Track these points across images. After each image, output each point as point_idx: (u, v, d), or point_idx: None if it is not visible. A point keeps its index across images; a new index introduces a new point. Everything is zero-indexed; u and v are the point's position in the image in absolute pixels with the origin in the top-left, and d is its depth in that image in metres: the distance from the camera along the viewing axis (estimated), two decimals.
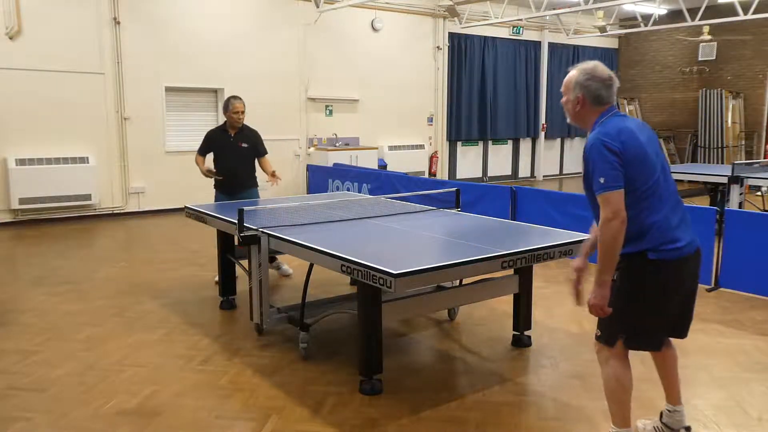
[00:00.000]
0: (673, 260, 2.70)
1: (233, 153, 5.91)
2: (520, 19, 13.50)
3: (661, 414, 3.12)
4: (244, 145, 5.94)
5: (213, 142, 5.98)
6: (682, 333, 2.95)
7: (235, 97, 5.88)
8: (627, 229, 2.62)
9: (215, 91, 10.62)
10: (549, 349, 4.31)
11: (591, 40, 15.77)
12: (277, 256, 5.92)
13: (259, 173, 6.09)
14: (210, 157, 6.03)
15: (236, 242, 4.44)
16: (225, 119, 5.96)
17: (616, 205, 2.59)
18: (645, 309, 2.75)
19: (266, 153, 6.12)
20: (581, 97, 2.80)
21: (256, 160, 6.08)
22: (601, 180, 2.62)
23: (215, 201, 6.01)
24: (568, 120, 2.97)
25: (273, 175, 5.91)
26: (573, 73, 2.84)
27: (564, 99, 2.91)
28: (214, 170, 5.89)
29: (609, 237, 2.60)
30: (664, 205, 2.72)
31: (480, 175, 14.87)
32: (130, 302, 5.35)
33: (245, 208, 4.32)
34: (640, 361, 3.41)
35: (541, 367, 4.02)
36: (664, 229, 2.69)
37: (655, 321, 2.79)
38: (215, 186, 6.04)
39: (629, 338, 2.80)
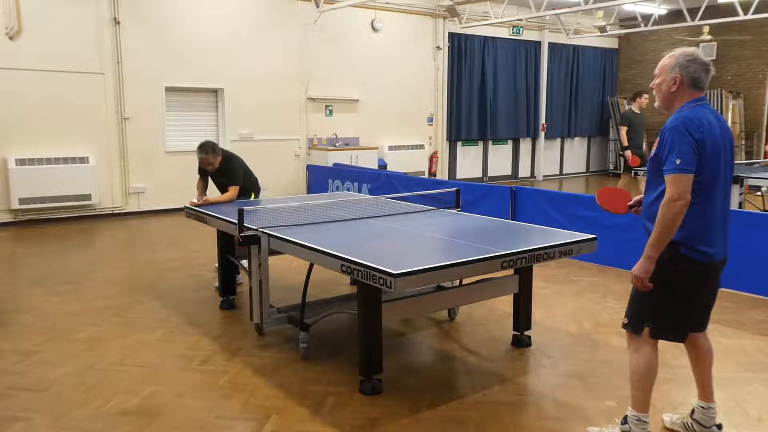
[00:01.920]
0: (701, 262, 2.77)
1: (220, 187, 5.89)
2: (520, 19, 13.50)
3: (693, 410, 3.13)
4: (222, 180, 5.83)
5: (203, 174, 5.94)
6: (704, 326, 3.04)
7: (200, 149, 5.69)
8: (692, 224, 2.72)
9: (215, 91, 10.63)
10: (549, 349, 4.31)
11: (591, 40, 15.77)
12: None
13: (262, 177, 6.04)
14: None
15: (236, 242, 4.44)
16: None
17: (685, 187, 2.65)
18: (672, 300, 2.81)
19: (234, 184, 5.74)
20: (679, 77, 2.82)
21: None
22: (677, 161, 2.67)
23: None
24: (656, 104, 3.00)
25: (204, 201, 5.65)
26: (672, 56, 2.87)
27: (658, 81, 2.91)
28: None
29: (670, 216, 2.66)
30: (714, 207, 2.77)
31: (480, 175, 14.87)
32: (130, 302, 5.35)
33: (245, 208, 4.32)
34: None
35: (541, 367, 4.02)
36: (704, 229, 2.76)
37: (680, 313, 2.86)
38: None
39: (655, 328, 2.86)
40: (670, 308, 2.83)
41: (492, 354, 4.23)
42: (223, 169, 5.82)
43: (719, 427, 3.09)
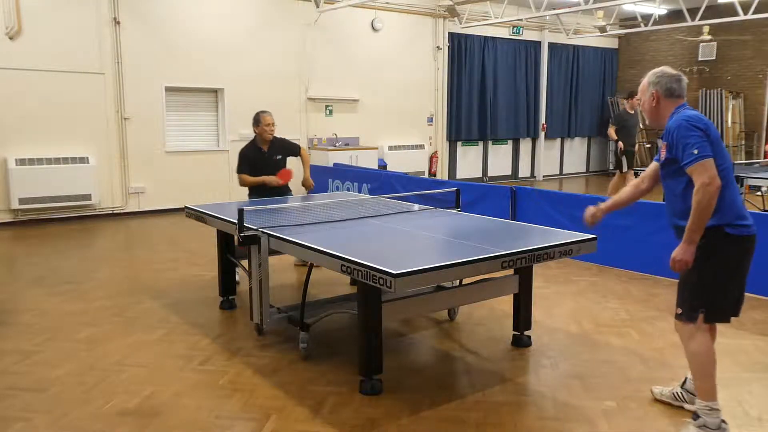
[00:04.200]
0: (745, 236, 2.98)
1: (270, 168, 6.06)
2: (520, 19, 13.50)
3: (684, 380, 3.32)
4: (278, 157, 6.11)
5: (249, 160, 6.06)
6: (740, 310, 3.15)
7: (263, 111, 6.04)
8: (727, 204, 2.93)
9: (215, 91, 10.63)
10: (549, 349, 4.31)
11: (591, 40, 15.77)
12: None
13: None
14: None
15: (236, 242, 4.44)
16: (255, 135, 6.08)
17: (712, 171, 2.83)
18: (726, 281, 3.00)
19: (299, 147, 6.37)
20: (655, 93, 3.10)
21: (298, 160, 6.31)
22: (695, 151, 2.86)
23: None
24: (647, 122, 3.23)
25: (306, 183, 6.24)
26: (645, 77, 3.17)
27: (641, 102, 3.21)
28: (272, 178, 6.05)
29: (706, 200, 2.83)
30: (735, 188, 3.01)
31: (480, 175, 14.87)
32: (130, 302, 5.35)
33: (245, 208, 4.32)
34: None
35: (541, 367, 4.02)
36: (738, 206, 2.99)
37: (733, 293, 3.05)
38: (252, 195, 6.17)
39: (709, 312, 3.01)
40: (724, 290, 3.00)
41: (492, 354, 4.23)
42: (279, 144, 6.13)
43: None
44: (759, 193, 9.33)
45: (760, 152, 13.99)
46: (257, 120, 6.04)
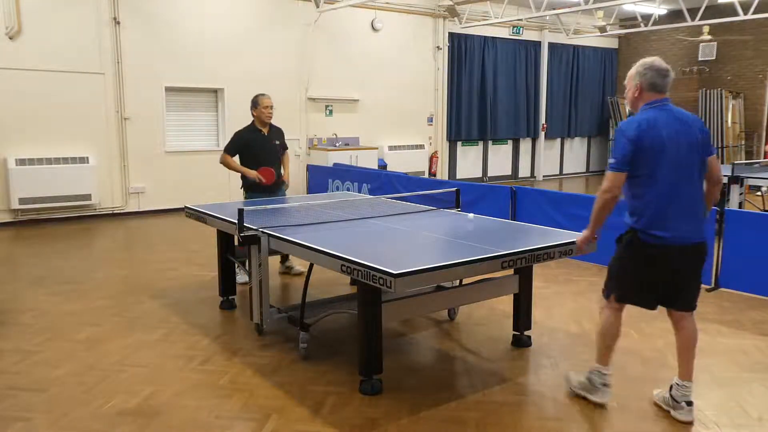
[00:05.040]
0: (655, 245, 3.12)
1: (269, 151, 5.94)
2: (520, 19, 13.50)
3: (671, 386, 3.36)
4: (276, 142, 6.03)
5: (246, 142, 5.89)
6: (680, 305, 3.27)
7: (262, 94, 5.96)
8: (631, 204, 3.18)
9: (215, 91, 10.63)
10: (549, 349, 4.31)
11: (591, 40, 15.77)
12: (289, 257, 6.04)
13: None
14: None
15: (236, 242, 4.44)
16: (253, 118, 5.97)
17: (613, 183, 3.12)
18: (630, 276, 3.25)
19: (286, 148, 6.21)
20: (639, 84, 3.21)
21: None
22: (612, 160, 3.15)
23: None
24: (627, 108, 3.40)
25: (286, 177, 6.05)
26: (634, 66, 3.27)
27: (626, 90, 3.32)
28: (252, 173, 5.82)
29: (598, 206, 3.20)
30: (663, 196, 3.09)
31: (480, 175, 14.87)
32: (130, 302, 5.35)
33: (245, 208, 4.32)
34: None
35: (541, 367, 4.02)
36: (660, 218, 3.10)
37: (639, 288, 3.25)
38: (247, 187, 5.98)
39: (620, 295, 3.32)
40: (630, 283, 3.26)
41: (492, 354, 4.23)
42: (276, 130, 6.05)
43: (689, 403, 3.27)
44: (759, 193, 9.34)
45: (760, 152, 14.00)
46: (255, 102, 5.90)
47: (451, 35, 13.57)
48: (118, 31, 9.48)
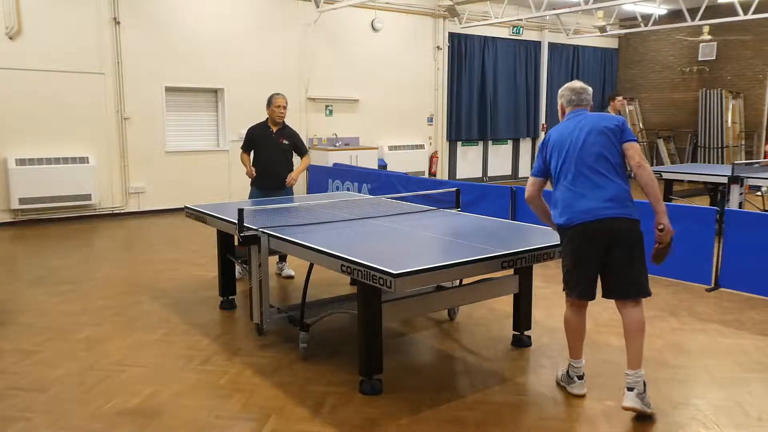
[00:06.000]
0: (568, 226, 3.40)
1: (273, 148, 6.07)
2: (520, 19, 13.50)
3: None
4: (285, 141, 6.12)
5: (254, 137, 6.12)
6: (617, 293, 3.41)
7: (276, 93, 6.15)
8: (554, 204, 3.52)
9: (215, 91, 10.63)
10: (549, 349, 4.31)
11: (591, 40, 15.76)
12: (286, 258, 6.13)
13: None
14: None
15: (236, 242, 4.44)
16: (267, 116, 6.14)
17: (529, 186, 3.68)
18: (566, 266, 3.49)
19: (306, 152, 6.37)
20: (561, 104, 3.79)
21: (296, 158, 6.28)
22: (532, 167, 3.72)
23: (250, 197, 6.20)
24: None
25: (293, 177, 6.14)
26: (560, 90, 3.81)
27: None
28: (252, 168, 6.09)
29: (528, 203, 3.73)
30: (573, 183, 3.41)
31: (480, 175, 14.87)
32: (130, 302, 5.35)
33: (245, 208, 4.32)
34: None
35: (541, 367, 4.02)
36: (564, 203, 3.44)
37: (576, 276, 3.45)
38: (252, 182, 6.19)
39: (568, 291, 3.52)
40: (568, 273, 3.48)
41: (492, 354, 4.23)
42: (290, 132, 6.19)
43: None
44: (759, 193, 9.34)
45: (760, 152, 13.99)
46: (269, 101, 6.12)
47: (451, 35, 13.57)
48: (118, 31, 9.48)
